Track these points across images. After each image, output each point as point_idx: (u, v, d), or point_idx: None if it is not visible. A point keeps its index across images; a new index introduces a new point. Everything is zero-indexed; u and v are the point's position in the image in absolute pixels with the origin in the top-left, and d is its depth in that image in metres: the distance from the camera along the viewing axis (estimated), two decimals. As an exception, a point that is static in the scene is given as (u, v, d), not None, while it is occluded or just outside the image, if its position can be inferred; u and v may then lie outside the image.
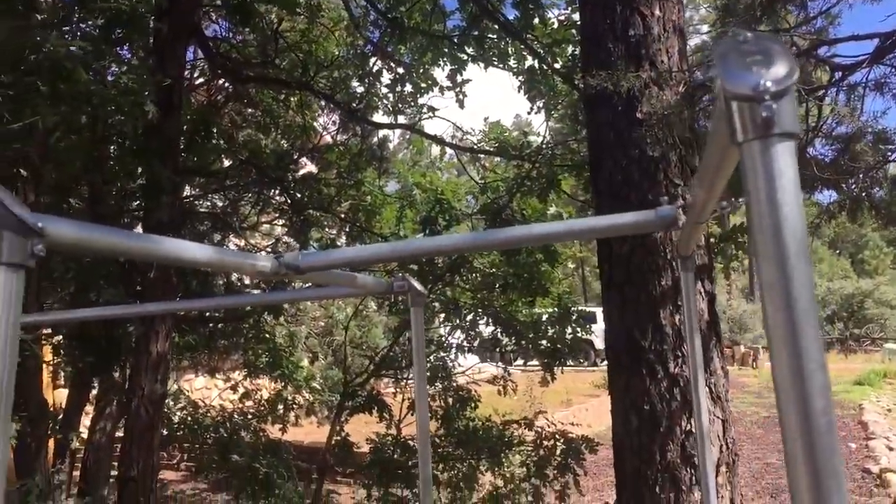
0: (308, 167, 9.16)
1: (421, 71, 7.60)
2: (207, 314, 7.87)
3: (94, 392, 8.21)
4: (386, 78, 7.78)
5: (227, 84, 8.50)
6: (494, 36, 7.31)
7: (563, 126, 8.95)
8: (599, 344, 22.72)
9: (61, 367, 6.34)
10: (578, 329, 7.38)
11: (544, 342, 7.13)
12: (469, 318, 7.13)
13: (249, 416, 8.25)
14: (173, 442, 8.11)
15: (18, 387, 0.81)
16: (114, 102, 3.50)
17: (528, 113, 7.44)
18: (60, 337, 5.87)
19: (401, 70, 7.64)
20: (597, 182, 4.52)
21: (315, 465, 9.64)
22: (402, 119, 8.05)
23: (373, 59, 7.80)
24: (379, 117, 8.17)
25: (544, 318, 7.27)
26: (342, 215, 7.92)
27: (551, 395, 14.30)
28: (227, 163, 7.90)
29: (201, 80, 7.92)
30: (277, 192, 7.97)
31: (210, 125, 5.92)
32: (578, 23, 5.74)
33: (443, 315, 7.27)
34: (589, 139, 4.76)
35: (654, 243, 4.16)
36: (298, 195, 7.66)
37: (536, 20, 7.13)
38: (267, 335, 8.48)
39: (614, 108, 4.35)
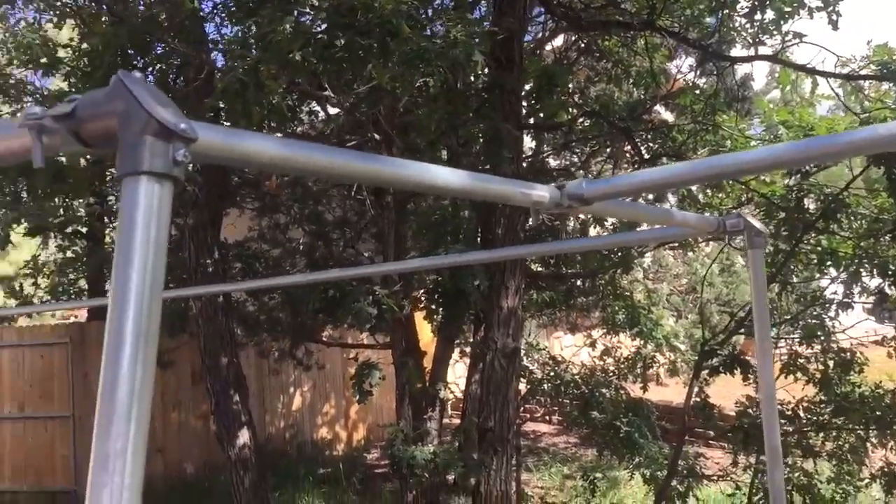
0: (662, 114, 8.72)
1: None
2: (564, 272, 7.92)
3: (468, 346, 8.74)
4: (743, 6, 7.02)
5: (577, 39, 8.40)
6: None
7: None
8: None
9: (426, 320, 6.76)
10: None
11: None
12: (845, 271, 6.22)
13: (610, 374, 8.18)
14: (537, 396, 8.31)
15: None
16: (443, 57, 3.52)
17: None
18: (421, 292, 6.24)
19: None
20: None
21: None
22: (763, 51, 7.23)
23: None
24: (737, 52, 7.45)
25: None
26: (699, 163, 7.38)
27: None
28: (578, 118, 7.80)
29: (547, 35, 7.90)
30: (629, 143, 7.70)
31: (554, 80, 5.83)
32: None
33: (816, 267, 6.43)
34: None
35: None
36: (651, 145, 7.31)
37: None
38: (626, 292, 8.30)
39: None
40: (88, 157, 7.36)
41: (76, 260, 11.36)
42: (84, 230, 11.03)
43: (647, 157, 7.35)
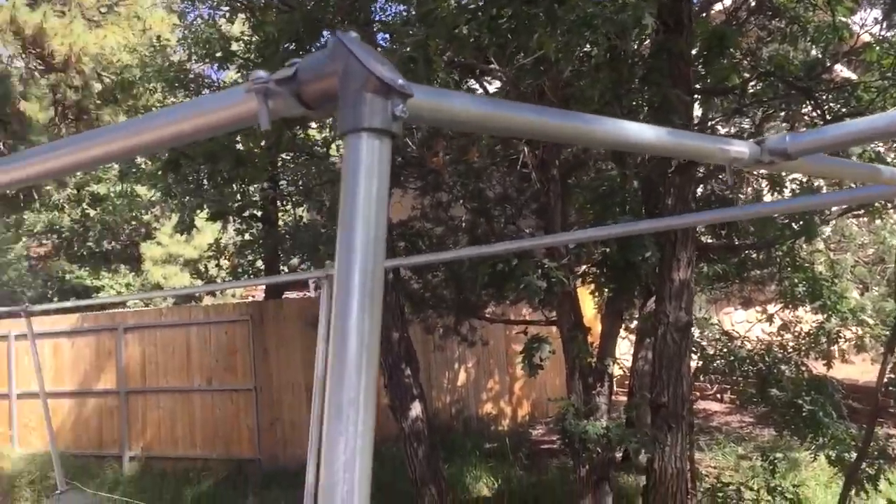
0: (844, 73, 8.12)
1: None
2: (736, 243, 7.55)
3: (635, 322, 8.54)
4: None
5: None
6: None
7: None
8: None
9: (592, 294, 6.66)
10: None
11: None
12: None
13: (790, 350, 7.75)
14: (709, 373, 8.01)
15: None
16: (611, 23, 3.42)
17: None
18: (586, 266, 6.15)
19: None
20: None
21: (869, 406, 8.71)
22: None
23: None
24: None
25: None
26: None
27: None
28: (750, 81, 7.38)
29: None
30: (809, 105, 7.21)
31: (724, 41, 5.53)
32: None
33: None
34: None
35: None
36: (832, 105, 6.80)
37: None
38: (805, 263, 7.82)
39: None
40: (263, 143, 7.74)
41: (253, 242, 12.04)
42: (259, 214, 11.64)
43: (828, 118, 6.86)
